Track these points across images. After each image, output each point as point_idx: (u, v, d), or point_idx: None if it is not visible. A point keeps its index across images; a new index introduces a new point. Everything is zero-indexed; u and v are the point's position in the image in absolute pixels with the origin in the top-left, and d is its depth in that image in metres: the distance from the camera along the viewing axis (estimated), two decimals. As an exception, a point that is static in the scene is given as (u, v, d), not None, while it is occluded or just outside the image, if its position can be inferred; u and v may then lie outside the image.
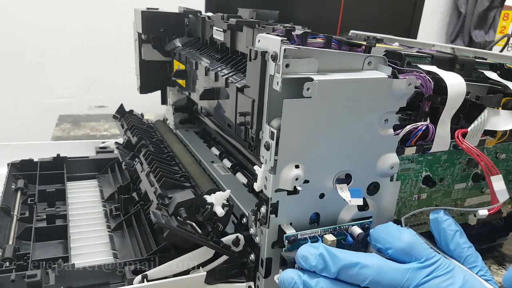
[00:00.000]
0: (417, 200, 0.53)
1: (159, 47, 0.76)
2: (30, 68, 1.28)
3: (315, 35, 0.46)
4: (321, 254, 0.39)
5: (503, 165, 0.57)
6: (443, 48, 0.71)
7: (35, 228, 0.53)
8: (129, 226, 0.56)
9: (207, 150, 0.74)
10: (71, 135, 1.05)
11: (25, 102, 1.31)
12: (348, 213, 0.46)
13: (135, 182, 0.62)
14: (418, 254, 0.40)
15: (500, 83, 0.51)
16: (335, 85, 0.41)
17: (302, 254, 0.40)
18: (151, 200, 0.50)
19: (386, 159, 0.46)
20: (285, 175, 0.41)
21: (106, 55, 1.33)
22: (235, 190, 0.56)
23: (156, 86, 0.82)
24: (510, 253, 0.65)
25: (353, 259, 0.39)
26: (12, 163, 0.67)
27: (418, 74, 0.46)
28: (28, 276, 0.40)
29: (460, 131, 0.48)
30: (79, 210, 0.60)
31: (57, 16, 1.26)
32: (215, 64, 0.59)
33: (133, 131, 0.71)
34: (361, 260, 0.39)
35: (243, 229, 0.48)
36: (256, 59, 0.41)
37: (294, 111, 0.40)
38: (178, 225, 0.43)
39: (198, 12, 0.72)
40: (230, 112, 0.52)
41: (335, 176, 0.44)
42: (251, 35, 0.49)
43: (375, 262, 0.39)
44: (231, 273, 0.48)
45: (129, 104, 0.82)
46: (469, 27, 1.76)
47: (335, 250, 0.40)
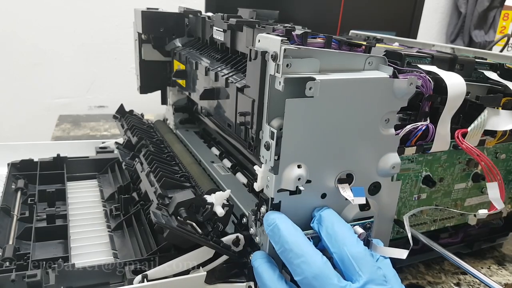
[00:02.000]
0: (417, 200, 0.53)
1: (159, 47, 0.76)
2: (30, 68, 1.28)
3: (315, 35, 0.46)
4: (273, 228, 0.40)
5: (503, 165, 0.57)
6: (443, 48, 0.71)
7: (35, 228, 0.53)
8: (129, 226, 0.56)
9: (207, 150, 0.74)
10: (71, 135, 1.05)
11: (25, 102, 1.31)
12: (349, 213, 0.46)
13: (135, 182, 0.62)
14: (362, 269, 0.38)
15: (500, 83, 0.51)
16: (337, 85, 0.41)
17: (265, 219, 0.42)
18: (151, 200, 0.50)
19: (387, 159, 0.46)
20: (288, 175, 0.41)
21: (106, 55, 1.33)
22: (235, 190, 0.56)
23: (156, 86, 0.82)
24: (510, 253, 0.65)
25: (301, 249, 0.38)
26: (12, 163, 0.67)
27: (418, 74, 0.46)
28: (28, 276, 0.40)
29: (460, 131, 0.48)
30: (79, 210, 0.60)
31: (57, 16, 1.26)
32: (215, 64, 0.59)
33: (133, 131, 0.71)
34: (307, 254, 0.38)
35: (243, 229, 0.48)
36: (256, 59, 0.41)
37: (296, 110, 0.40)
38: (178, 225, 0.43)
39: (198, 12, 0.72)
40: (230, 112, 0.52)
41: (337, 176, 0.44)
42: (251, 35, 0.49)
43: (318, 264, 0.38)
44: (231, 273, 0.48)
45: (129, 104, 0.82)
46: (469, 27, 1.76)
47: (289, 231, 0.40)
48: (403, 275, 0.57)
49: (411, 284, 0.56)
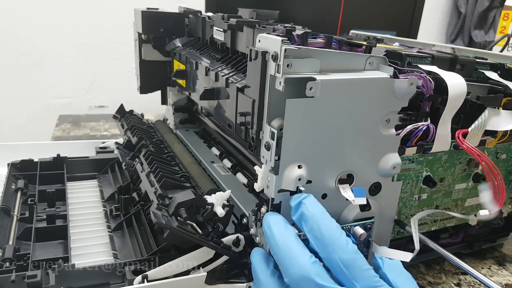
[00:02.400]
0: (418, 201, 0.53)
1: (159, 47, 0.76)
2: (30, 68, 1.28)
3: (316, 35, 0.46)
4: (266, 229, 0.41)
5: (503, 165, 0.57)
6: (443, 48, 0.70)
7: (35, 228, 0.53)
8: (129, 226, 0.56)
9: (207, 150, 0.74)
10: (71, 135, 1.05)
11: (25, 102, 1.31)
12: (350, 213, 0.46)
13: (135, 182, 0.62)
14: (355, 277, 0.36)
15: (500, 83, 0.51)
16: (338, 85, 0.41)
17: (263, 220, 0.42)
18: (151, 200, 0.50)
19: (388, 159, 0.46)
20: (288, 176, 0.41)
21: (106, 55, 1.33)
22: (236, 190, 0.56)
23: (156, 86, 0.81)
24: (510, 253, 0.65)
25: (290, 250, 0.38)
26: (12, 163, 0.66)
27: (418, 74, 0.45)
28: (28, 276, 0.40)
29: (460, 131, 0.48)
30: (79, 210, 0.60)
31: (57, 16, 1.26)
32: (215, 64, 0.59)
33: (133, 131, 0.71)
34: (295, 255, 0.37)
35: (244, 229, 0.48)
36: (256, 59, 0.41)
37: (296, 110, 0.39)
38: (178, 225, 0.43)
39: (198, 12, 0.72)
40: (230, 112, 0.52)
41: (338, 176, 0.44)
42: (251, 35, 0.49)
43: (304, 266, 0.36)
44: (231, 273, 0.48)
45: (129, 104, 0.82)
46: (469, 27, 1.76)
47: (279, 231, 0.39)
48: (404, 275, 0.57)
49: (412, 284, 0.56)
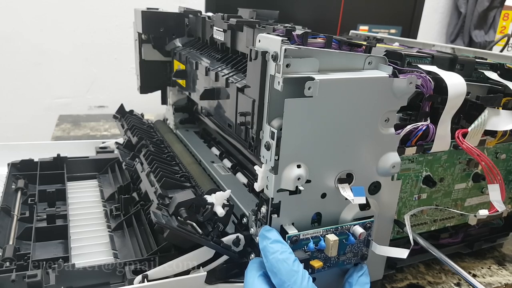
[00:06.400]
0: (418, 200, 0.53)
1: (159, 47, 0.76)
2: (30, 68, 1.28)
3: (316, 35, 0.46)
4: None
5: (503, 165, 0.57)
6: (443, 48, 0.71)
7: (35, 228, 0.53)
8: (129, 226, 0.56)
9: (207, 150, 0.74)
10: (71, 135, 1.05)
11: (25, 102, 1.31)
12: (349, 212, 0.46)
13: (135, 182, 0.62)
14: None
15: (500, 83, 0.51)
16: (336, 84, 0.41)
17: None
18: (152, 200, 0.50)
19: (387, 158, 0.46)
20: (287, 175, 0.41)
21: (106, 55, 1.33)
22: (236, 190, 0.56)
23: (156, 86, 0.82)
24: (510, 253, 0.65)
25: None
26: (12, 163, 0.67)
27: (418, 74, 0.46)
28: (29, 276, 0.40)
29: (460, 131, 0.48)
30: (79, 210, 0.60)
31: (57, 16, 1.26)
32: (215, 64, 0.59)
33: (133, 131, 0.71)
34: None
35: (244, 229, 0.48)
36: (256, 59, 0.41)
37: (295, 110, 0.39)
38: (178, 225, 0.43)
39: (198, 12, 0.72)
40: (230, 112, 0.52)
41: (337, 175, 0.44)
42: (251, 35, 0.49)
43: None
44: (231, 273, 0.48)
45: (129, 104, 0.82)
46: (469, 27, 1.76)
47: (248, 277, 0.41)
48: (403, 275, 0.57)
49: (411, 284, 0.56)
